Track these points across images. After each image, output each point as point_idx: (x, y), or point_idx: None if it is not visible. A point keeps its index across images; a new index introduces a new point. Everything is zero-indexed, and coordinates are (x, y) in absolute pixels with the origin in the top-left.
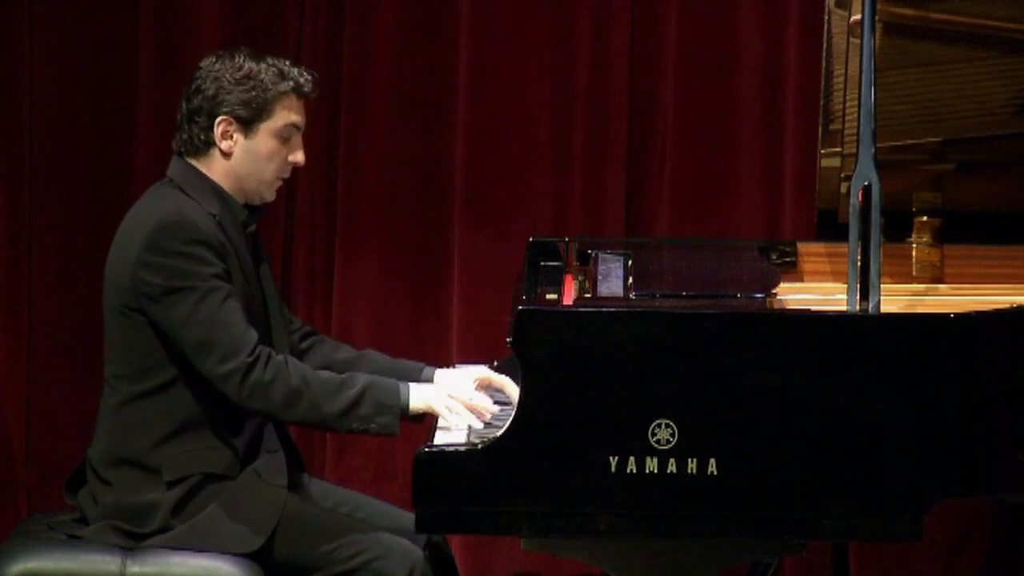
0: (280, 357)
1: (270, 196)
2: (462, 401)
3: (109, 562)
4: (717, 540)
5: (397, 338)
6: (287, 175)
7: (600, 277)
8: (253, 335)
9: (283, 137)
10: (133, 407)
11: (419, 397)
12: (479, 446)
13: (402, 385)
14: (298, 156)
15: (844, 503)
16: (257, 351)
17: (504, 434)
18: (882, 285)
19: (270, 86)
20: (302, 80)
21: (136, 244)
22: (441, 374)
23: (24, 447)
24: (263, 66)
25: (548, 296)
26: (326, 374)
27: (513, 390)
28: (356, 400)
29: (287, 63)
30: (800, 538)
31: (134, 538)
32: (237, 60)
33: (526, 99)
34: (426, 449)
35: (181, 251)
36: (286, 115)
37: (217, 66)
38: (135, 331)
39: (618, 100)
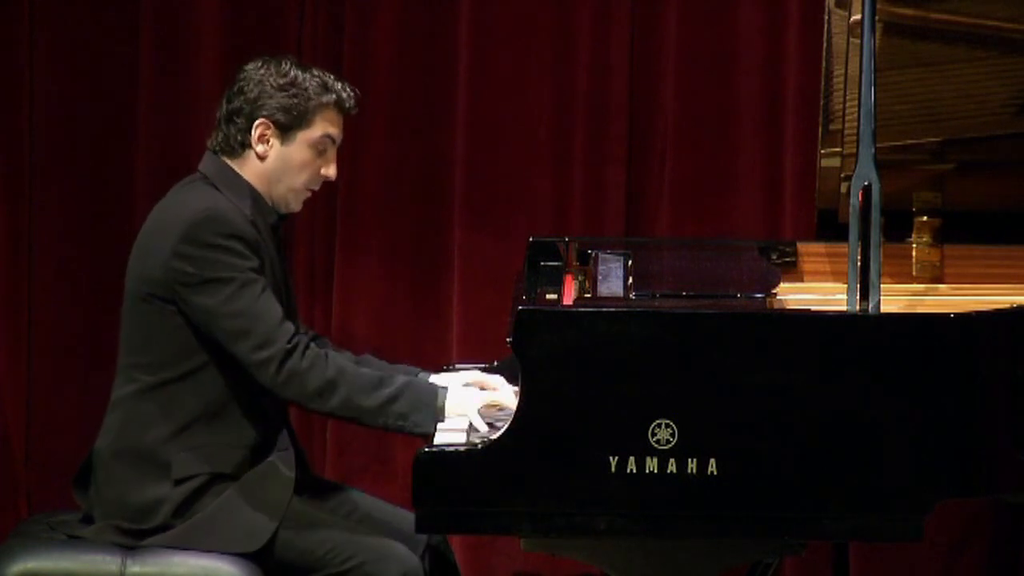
0: (319, 349)
1: (296, 206)
2: (497, 406)
3: (109, 562)
4: (717, 540)
5: (397, 338)
6: (317, 187)
7: (600, 277)
8: (290, 326)
9: (318, 149)
10: (149, 397)
11: (455, 402)
12: (479, 446)
13: (440, 388)
14: (330, 170)
15: (844, 503)
16: (295, 340)
17: (504, 434)
18: (882, 285)
19: (312, 96)
20: (345, 95)
21: (171, 235)
22: (436, 380)
23: (24, 447)
24: (308, 76)
25: (548, 296)
26: (364, 369)
27: (506, 393)
28: (393, 397)
29: (332, 76)
30: (800, 538)
31: (135, 536)
32: (283, 67)
33: (526, 99)
34: (426, 449)
35: (218, 244)
36: (324, 127)
37: (262, 70)
38: (159, 321)
39: (618, 100)
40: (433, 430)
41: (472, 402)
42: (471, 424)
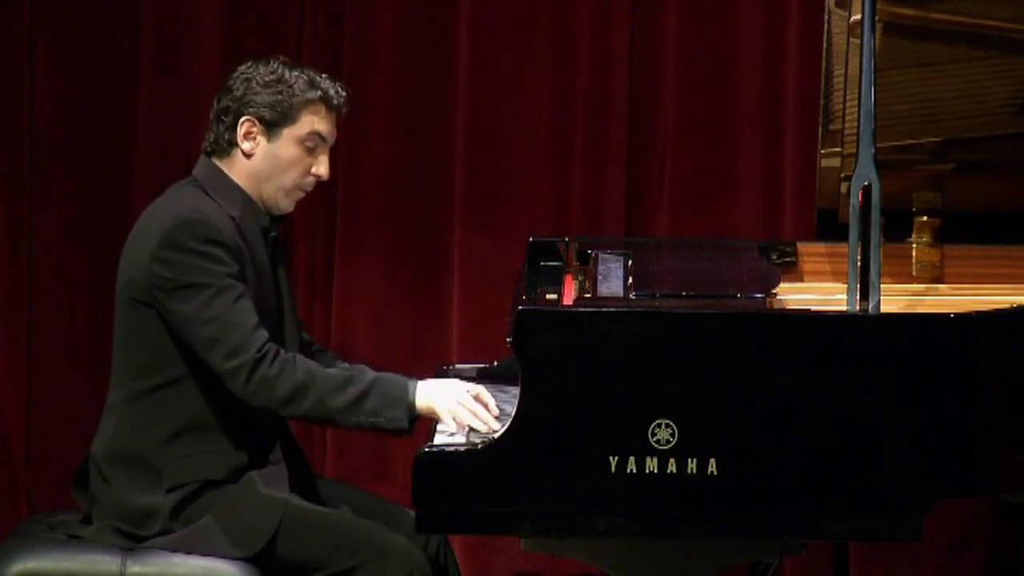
0: (288, 354)
1: (287, 206)
2: (467, 408)
3: (109, 562)
4: (717, 540)
5: (397, 338)
6: (309, 188)
7: (600, 277)
8: (263, 334)
9: (307, 146)
10: (140, 403)
11: (424, 396)
12: (479, 446)
13: (410, 382)
14: (321, 169)
15: (844, 503)
16: (265, 348)
17: (504, 434)
18: (882, 285)
19: (298, 92)
20: (332, 92)
21: (152, 239)
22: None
23: (24, 447)
24: (295, 73)
25: (548, 296)
26: (333, 371)
27: (493, 404)
28: (362, 394)
29: (323, 75)
30: (800, 538)
31: (133, 539)
32: (271, 65)
33: (526, 99)
34: (426, 449)
35: (196, 249)
36: (311, 123)
37: (251, 69)
38: (145, 326)
39: (618, 100)
40: (407, 425)
41: (443, 400)
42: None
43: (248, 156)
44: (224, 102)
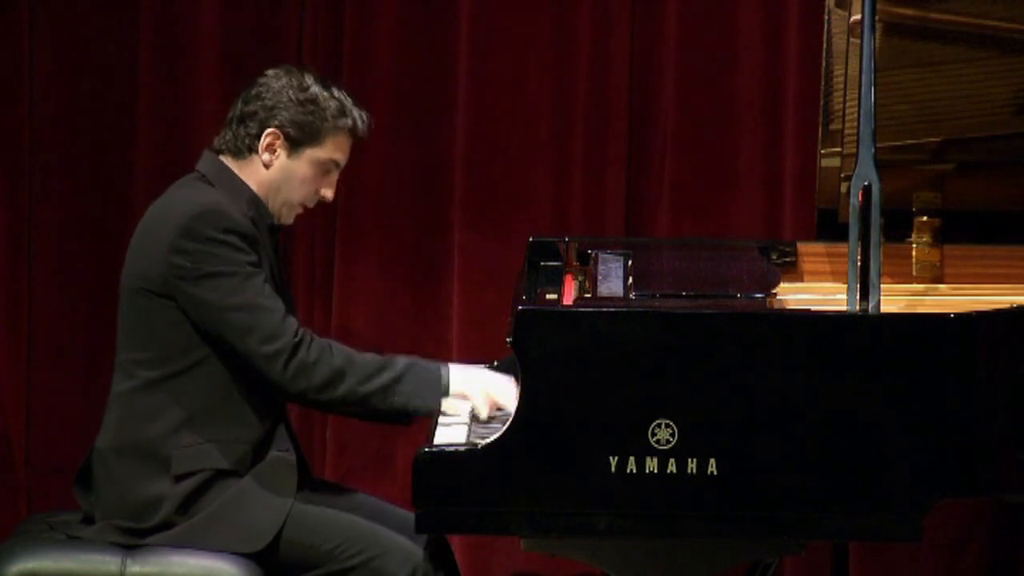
0: (324, 339)
1: (287, 220)
2: (501, 395)
3: (109, 562)
4: (717, 540)
5: (397, 338)
6: (311, 205)
7: (600, 277)
8: (294, 319)
9: (323, 169)
10: (147, 393)
11: (459, 380)
12: (479, 446)
13: (443, 367)
14: (328, 193)
15: (844, 503)
16: (301, 332)
17: (504, 434)
18: (882, 285)
19: (329, 118)
20: (360, 124)
21: (168, 230)
22: (456, 370)
23: (24, 447)
24: (328, 95)
25: (548, 296)
26: (369, 355)
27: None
28: (398, 378)
29: (350, 100)
30: (800, 538)
31: (135, 535)
32: (306, 81)
33: (526, 100)
34: (426, 449)
35: (217, 238)
36: (333, 150)
37: (284, 80)
38: (157, 317)
39: (618, 100)
40: (437, 406)
41: (476, 380)
42: (471, 415)
43: (266, 167)
44: (252, 107)
